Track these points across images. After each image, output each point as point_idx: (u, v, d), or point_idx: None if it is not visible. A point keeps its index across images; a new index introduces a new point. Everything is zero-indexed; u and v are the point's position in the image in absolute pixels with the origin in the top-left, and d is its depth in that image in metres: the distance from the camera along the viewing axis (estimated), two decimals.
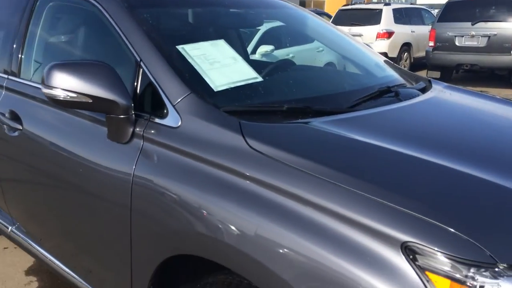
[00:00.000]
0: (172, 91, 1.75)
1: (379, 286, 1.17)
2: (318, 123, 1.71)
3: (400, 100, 2.08)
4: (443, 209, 1.26)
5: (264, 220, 1.37)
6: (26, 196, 2.44)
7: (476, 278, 1.13)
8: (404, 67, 11.86)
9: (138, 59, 1.85)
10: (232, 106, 1.75)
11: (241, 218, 1.42)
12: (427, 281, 1.15)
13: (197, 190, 1.56)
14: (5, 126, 2.36)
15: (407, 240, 1.18)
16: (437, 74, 10.12)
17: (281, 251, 1.33)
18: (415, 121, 1.90)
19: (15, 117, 2.32)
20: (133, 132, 1.77)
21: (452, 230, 1.18)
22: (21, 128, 2.26)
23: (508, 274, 1.14)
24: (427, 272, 1.15)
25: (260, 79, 1.95)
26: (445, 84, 2.62)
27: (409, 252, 1.17)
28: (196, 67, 1.86)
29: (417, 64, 12.09)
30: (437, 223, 1.19)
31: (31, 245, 2.49)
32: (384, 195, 1.27)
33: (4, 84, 2.48)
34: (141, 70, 1.85)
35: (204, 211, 1.51)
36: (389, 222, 1.21)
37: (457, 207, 1.29)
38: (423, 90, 2.33)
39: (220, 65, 1.94)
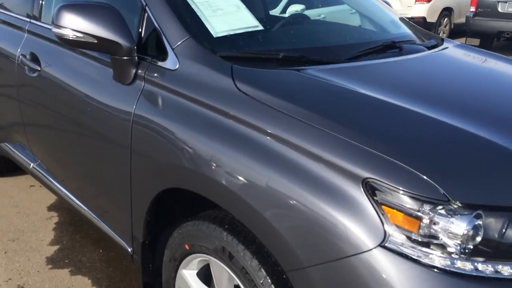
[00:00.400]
0: (173, 35, 1.83)
1: (338, 216, 1.25)
2: (310, 70, 1.76)
3: (402, 55, 2.10)
4: (404, 149, 1.32)
5: (243, 156, 1.46)
6: (44, 134, 2.60)
7: (428, 214, 1.19)
8: (443, 33, 11.48)
9: (144, 4, 1.93)
10: (229, 52, 1.81)
11: (224, 155, 1.52)
12: (382, 214, 1.22)
13: (188, 129, 1.65)
14: (26, 67, 2.50)
15: (367, 177, 1.24)
16: (476, 41, 9.78)
17: (257, 185, 1.42)
18: (408, 73, 1.92)
19: (34, 58, 2.46)
20: (136, 74, 1.87)
21: (409, 168, 1.23)
22: (39, 69, 2.40)
23: (460, 212, 1.19)
24: (383, 207, 1.22)
25: (260, 27, 1.99)
26: (458, 43, 2.59)
27: (368, 187, 1.24)
28: (198, 13, 1.92)
29: (458, 31, 11.66)
30: (397, 161, 1.25)
31: (50, 181, 2.68)
32: (352, 136, 1.33)
33: (27, 27, 2.61)
34: (145, 14, 1.93)
35: (193, 149, 1.61)
36: (353, 160, 1.28)
37: (418, 148, 1.34)
38: (433, 48, 2.32)
39: (223, 12, 1.99)
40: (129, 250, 2.08)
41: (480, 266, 1.20)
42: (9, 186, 3.53)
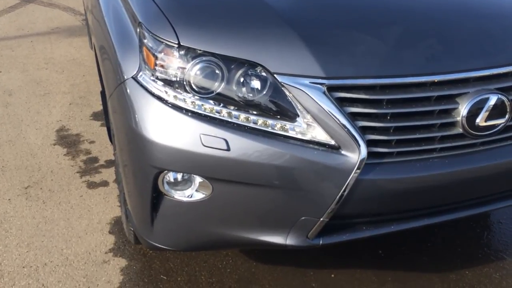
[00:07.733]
0: None
1: (118, 51, 1.56)
2: None
3: None
4: (178, 5, 1.53)
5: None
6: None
7: (162, 53, 1.42)
8: None
9: None
10: None
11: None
12: (140, 52, 1.48)
13: None
14: None
15: (139, 21, 1.51)
16: None
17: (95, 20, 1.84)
18: None
19: None
20: None
21: (165, 17, 1.45)
22: None
23: (189, 54, 1.39)
24: (144, 47, 1.47)
25: None
26: None
27: (141, 31, 1.49)
28: None
29: None
30: (162, 12, 1.47)
31: None
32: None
33: None
34: None
35: None
36: (140, 11, 1.55)
37: (187, 5, 1.54)
38: None
39: None
40: None
41: (209, 107, 1.39)
42: None
